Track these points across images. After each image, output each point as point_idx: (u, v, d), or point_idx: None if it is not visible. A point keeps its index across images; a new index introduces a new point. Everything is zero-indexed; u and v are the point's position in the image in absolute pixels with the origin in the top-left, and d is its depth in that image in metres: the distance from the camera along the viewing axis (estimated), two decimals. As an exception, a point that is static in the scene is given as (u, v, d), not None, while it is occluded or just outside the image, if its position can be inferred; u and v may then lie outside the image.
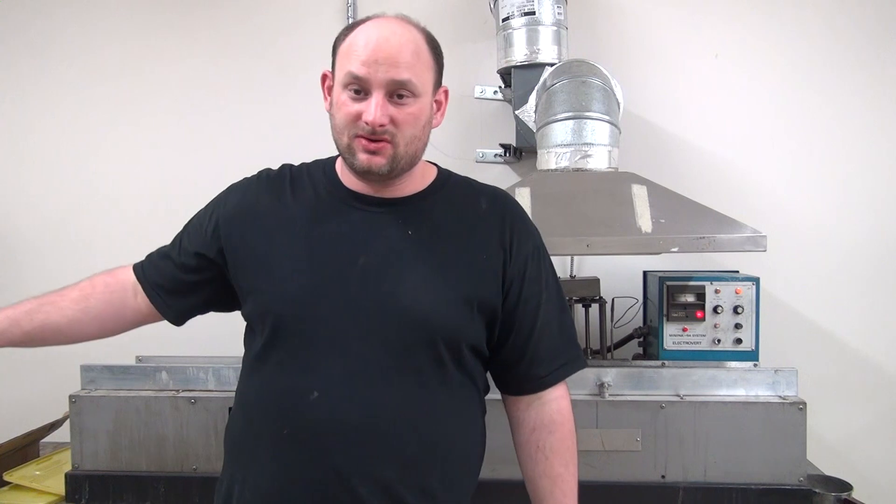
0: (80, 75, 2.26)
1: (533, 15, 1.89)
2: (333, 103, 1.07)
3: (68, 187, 2.25)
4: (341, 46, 1.06)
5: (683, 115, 2.09)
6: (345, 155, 1.06)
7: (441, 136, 2.18)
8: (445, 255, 1.07)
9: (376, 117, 1.00)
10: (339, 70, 1.05)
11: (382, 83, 1.01)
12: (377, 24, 1.04)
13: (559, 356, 1.14)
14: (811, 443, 1.53)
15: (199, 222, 1.15)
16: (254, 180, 1.15)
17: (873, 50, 2.03)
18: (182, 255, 1.15)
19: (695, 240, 1.49)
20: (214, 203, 1.16)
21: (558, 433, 1.15)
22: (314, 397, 1.01)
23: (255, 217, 1.10)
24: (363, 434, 1.01)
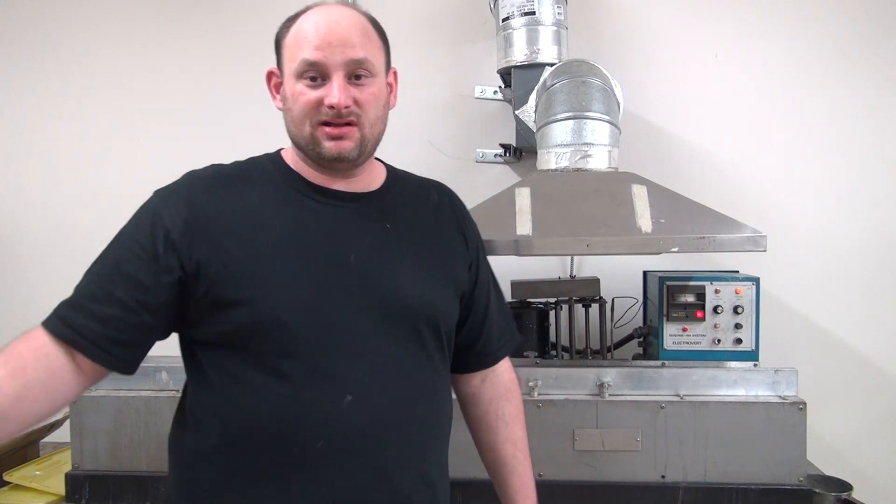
0: (83, 77, 2.27)
1: (533, 15, 1.89)
2: (287, 97, 1.02)
3: (71, 188, 2.26)
4: (286, 39, 1.03)
5: (683, 115, 2.09)
6: (307, 146, 1.03)
7: (441, 136, 2.19)
8: (424, 246, 1.11)
9: (341, 99, 0.98)
10: (290, 61, 1.01)
11: (340, 64, 0.99)
12: (321, 11, 1.02)
13: (505, 331, 1.25)
14: (811, 443, 1.53)
15: (136, 250, 0.97)
16: (188, 185, 1.02)
17: (873, 50, 2.03)
18: (135, 292, 0.95)
19: (695, 240, 1.49)
20: (148, 223, 0.98)
21: (514, 400, 1.24)
22: (348, 401, 0.96)
23: (220, 222, 0.99)
24: (401, 429, 1.03)
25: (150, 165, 2.16)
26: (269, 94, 1.08)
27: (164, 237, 0.96)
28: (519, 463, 1.22)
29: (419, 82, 2.16)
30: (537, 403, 1.56)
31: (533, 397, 1.57)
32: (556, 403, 1.56)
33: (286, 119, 1.04)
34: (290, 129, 1.05)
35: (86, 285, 0.97)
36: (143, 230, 0.98)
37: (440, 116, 2.17)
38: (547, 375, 1.61)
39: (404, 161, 2.19)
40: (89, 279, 0.98)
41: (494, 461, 1.23)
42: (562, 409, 1.56)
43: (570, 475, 1.55)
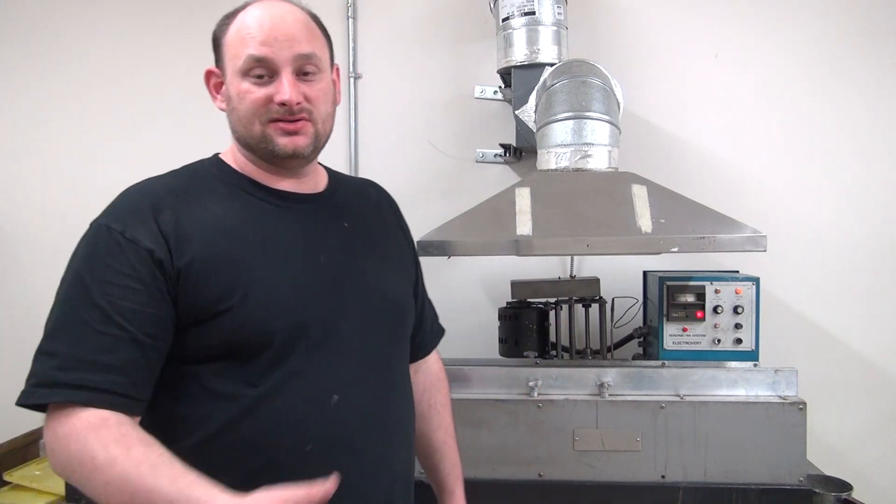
0: (82, 75, 2.26)
1: (533, 15, 1.89)
2: (232, 96, 0.99)
3: (72, 186, 2.25)
4: (227, 37, 0.99)
5: (683, 115, 2.09)
6: (258, 145, 0.99)
7: (441, 136, 2.20)
8: (380, 243, 1.13)
9: (292, 95, 0.96)
10: (233, 59, 0.97)
11: (288, 60, 0.96)
12: (263, 6, 0.99)
13: (435, 322, 1.32)
14: (811, 443, 1.53)
15: (125, 283, 0.89)
16: (143, 202, 0.95)
17: (874, 49, 2.03)
18: (144, 325, 0.88)
19: (695, 240, 1.49)
20: (124, 251, 0.90)
21: (444, 389, 1.29)
22: (335, 401, 0.96)
23: (190, 235, 0.93)
24: (385, 424, 1.04)
25: (150, 164, 2.14)
26: (209, 95, 1.05)
27: (150, 260, 0.90)
28: (449, 448, 1.27)
29: (419, 82, 2.17)
30: (537, 403, 1.56)
31: (533, 397, 1.57)
32: (556, 403, 1.56)
33: (231, 119, 1.01)
34: (236, 130, 1.01)
35: (76, 341, 0.86)
36: (122, 260, 0.89)
37: (440, 116, 2.17)
38: (547, 375, 1.61)
39: (404, 161, 2.22)
40: (76, 334, 0.86)
41: (427, 447, 1.27)
42: (562, 409, 1.56)
43: (570, 475, 1.55)
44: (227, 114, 1.02)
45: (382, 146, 2.20)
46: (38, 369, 0.87)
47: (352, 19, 2.16)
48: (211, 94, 1.05)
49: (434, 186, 2.17)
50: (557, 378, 1.61)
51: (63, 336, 0.87)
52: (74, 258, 0.94)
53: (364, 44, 2.18)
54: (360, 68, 2.19)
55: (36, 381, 0.86)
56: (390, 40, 2.18)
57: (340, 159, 2.19)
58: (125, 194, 0.99)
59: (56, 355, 0.86)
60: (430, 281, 2.24)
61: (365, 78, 2.19)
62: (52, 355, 0.87)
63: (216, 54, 1.02)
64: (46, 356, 0.87)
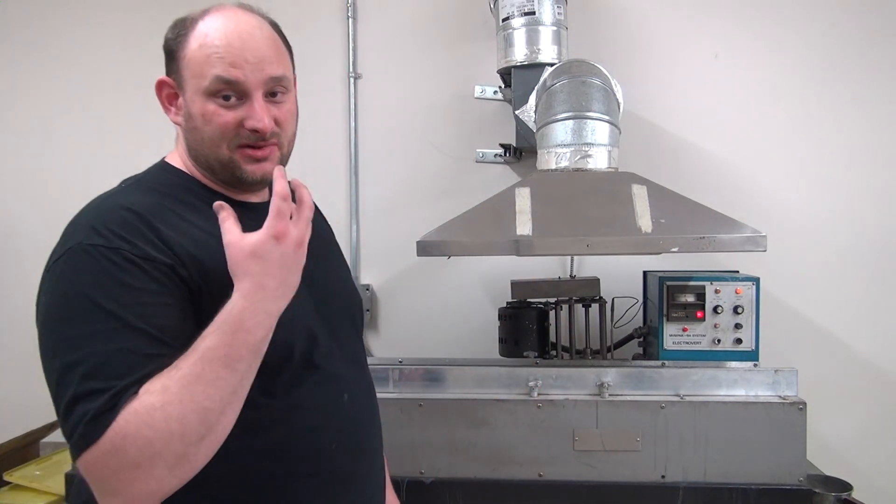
0: (84, 75, 2.26)
1: (533, 15, 1.89)
2: (194, 115, 0.93)
3: (72, 185, 2.25)
4: (187, 50, 0.92)
5: (683, 115, 2.09)
6: (222, 170, 0.95)
7: (441, 136, 2.20)
8: (328, 247, 1.16)
9: (266, 123, 0.92)
10: (196, 77, 0.91)
11: (260, 83, 0.92)
12: (227, 19, 0.93)
13: None
14: (811, 443, 1.53)
15: (149, 300, 0.83)
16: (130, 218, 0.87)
17: (874, 50, 2.03)
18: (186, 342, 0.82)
19: (695, 240, 1.49)
20: (138, 266, 0.84)
21: None
22: (346, 400, 1.00)
23: (185, 249, 0.88)
24: (375, 417, 1.10)
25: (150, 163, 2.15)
26: (161, 106, 0.99)
27: (173, 275, 0.85)
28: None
29: (419, 82, 2.17)
30: (537, 403, 1.56)
31: (533, 397, 1.57)
32: (556, 403, 1.56)
33: (191, 138, 0.95)
34: (198, 150, 0.95)
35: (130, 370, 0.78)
36: (144, 279, 0.83)
37: (440, 116, 2.17)
38: (547, 375, 1.61)
39: (404, 161, 2.22)
40: (126, 364, 0.78)
41: None
42: (562, 409, 1.56)
43: (570, 475, 1.55)
44: (185, 131, 0.96)
45: (382, 146, 2.20)
46: (91, 407, 0.76)
47: (352, 19, 2.16)
48: (163, 106, 0.99)
49: (434, 186, 2.17)
50: (557, 378, 1.61)
51: (112, 371, 0.78)
52: (70, 287, 0.83)
53: (364, 44, 2.18)
54: (360, 68, 2.18)
55: (93, 414, 0.76)
56: (390, 40, 2.18)
57: (340, 159, 2.19)
58: (101, 212, 0.89)
59: (108, 389, 0.76)
60: (431, 281, 2.25)
61: (365, 78, 2.19)
62: (103, 391, 0.76)
63: (170, 65, 0.96)
64: (96, 394, 0.76)
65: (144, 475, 0.75)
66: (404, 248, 1.69)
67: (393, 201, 2.19)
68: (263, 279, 0.83)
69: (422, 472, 1.58)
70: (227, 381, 0.79)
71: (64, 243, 0.86)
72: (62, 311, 0.82)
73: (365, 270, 2.22)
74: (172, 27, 0.96)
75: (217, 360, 0.79)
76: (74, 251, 0.84)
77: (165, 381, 0.77)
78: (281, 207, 0.84)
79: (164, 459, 0.76)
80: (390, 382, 1.65)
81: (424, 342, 2.16)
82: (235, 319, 0.81)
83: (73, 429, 0.77)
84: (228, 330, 0.80)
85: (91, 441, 0.75)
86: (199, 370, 0.78)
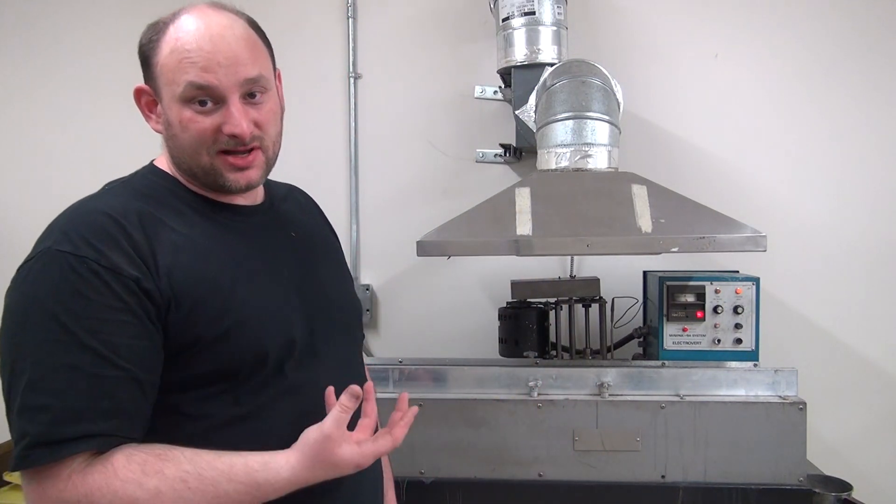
0: (83, 74, 2.26)
1: (533, 15, 1.89)
2: (172, 122, 0.90)
3: (72, 186, 2.25)
4: (160, 56, 0.89)
5: (683, 115, 2.09)
6: (205, 177, 0.93)
7: (441, 136, 2.19)
8: (322, 248, 1.13)
9: (244, 128, 0.89)
10: (170, 84, 0.88)
11: (235, 86, 0.88)
12: (198, 21, 0.89)
13: None
14: (811, 443, 1.53)
15: (113, 316, 0.80)
16: (109, 226, 0.85)
17: (874, 49, 2.02)
18: (142, 361, 0.82)
19: (695, 240, 1.49)
20: (105, 281, 0.81)
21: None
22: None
23: (167, 259, 0.86)
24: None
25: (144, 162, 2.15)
26: (142, 114, 0.96)
27: (137, 289, 0.82)
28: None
29: (419, 82, 2.17)
30: (537, 403, 1.56)
31: (533, 397, 1.57)
32: (556, 403, 1.56)
33: (171, 145, 0.93)
34: (179, 157, 0.93)
35: (68, 389, 0.77)
36: (105, 293, 0.80)
37: (440, 116, 2.17)
38: (547, 375, 1.61)
39: (404, 161, 2.22)
40: (66, 381, 0.77)
41: None
42: (562, 409, 1.56)
43: (570, 475, 1.55)
44: (166, 139, 0.95)
45: (382, 146, 2.20)
46: (29, 428, 0.76)
47: (352, 19, 2.16)
48: (144, 114, 0.96)
49: (434, 186, 2.17)
50: (557, 378, 1.61)
51: (50, 386, 0.77)
52: (30, 292, 0.81)
53: (364, 44, 2.18)
54: (360, 68, 2.18)
55: (31, 440, 0.76)
56: (390, 40, 2.18)
57: (340, 159, 2.19)
58: (77, 216, 0.87)
59: (48, 409, 0.76)
60: (431, 281, 2.25)
61: (365, 78, 2.19)
62: (42, 409, 0.76)
63: (146, 72, 0.93)
64: (34, 411, 0.77)
65: None
66: (404, 248, 1.70)
67: (393, 201, 2.19)
68: (317, 478, 0.86)
69: (422, 472, 1.58)
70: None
71: (36, 246, 0.85)
72: (20, 315, 0.81)
73: (365, 270, 2.22)
74: (146, 32, 0.92)
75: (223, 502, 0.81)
76: (43, 255, 0.83)
77: (164, 487, 0.78)
78: (384, 451, 0.91)
79: None
80: (390, 382, 1.65)
81: (424, 342, 2.16)
82: (267, 492, 0.83)
83: (15, 443, 0.78)
84: (256, 494, 0.83)
85: (27, 467, 0.77)
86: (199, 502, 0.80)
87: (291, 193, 1.17)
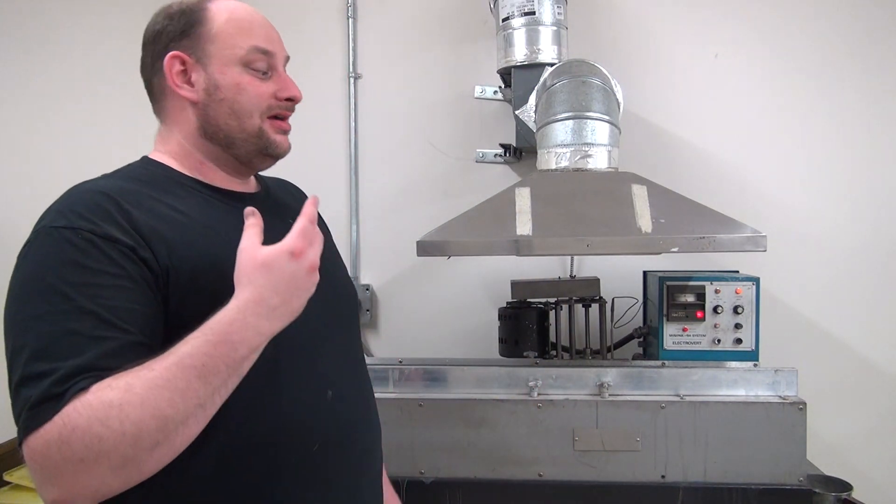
0: (83, 74, 2.26)
1: (533, 15, 1.89)
2: (222, 86, 0.94)
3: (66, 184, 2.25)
4: (213, 23, 0.94)
5: (683, 115, 2.09)
6: (247, 141, 0.97)
7: (441, 136, 2.20)
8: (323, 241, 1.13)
9: (299, 92, 1.00)
10: (230, 48, 0.94)
11: (283, 59, 1.01)
12: (239, 3, 0.99)
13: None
14: (811, 443, 1.53)
15: (112, 282, 0.80)
16: (104, 200, 0.86)
17: (874, 49, 2.03)
18: (143, 325, 0.81)
19: (695, 240, 1.49)
20: (101, 249, 0.81)
21: None
22: (330, 397, 0.96)
23: (165, 233, 0.86)
24: (367, 416, 1.06)
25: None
26: (170, 82, 0.95)
27: (134, 256, 0.82)
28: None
29: (419, 82, 2.17)
30: (537, 403, 1.56)
31: (533, 397, 1.57)
32: (556, 403, 1.56)
33: (214, 111, 0.95)
34: (218, 123, 0.96)
35: (72, 354, 0.75)
36: (102, 259, 0.80)
37: (440, 116, 2.17)
38: (547, 375, 1.61)
39: (404, 161, 2.22)
40: (70, 347, 0.76)
41: None
42: (562, 409, 1.56)
43: (570, 475, 1.55)
44: (204, 105, 0.95)
45: (382, 146, 2.20)
46: (32, 392, 0.74)
47: (352, 19, 2.16)
48: (171, 81, 0.95)
49: (434, 186, 2.17)
50: (557, 378, 1.61)
51: (54, 353, 0.75)
52: (29, 270, 0.82)
53: (364, 44, 2.18)
54: (360, 68, 2.19)
55: (34, 401, 0.73)
56: (390, 40, 2.18)
57: (340, 159, 2.19)
58: (70, 196, 0.88)
59: (51, 372, 0.74)
60: (431, 281, 2.25)
61: (365, 78, 2.19)
62: (44, 374, 0.74)
63: (186, 41, 0.95)
64: (37, 377, 0.74)
65: (86, 471, 0.72)
66: (404, 248, 1.70)
67: (393, 201, 2.19)
68: (266, 293, 0.80)
69: (422, 472, 1.59)
70: (198, 392, 0.75)
71: (33, 229, 0.87)
72: (20, 294, 0.81)
73: (365, 270, 2.22)
74: (175, 12, 0.96)
75: (192, 368, 0.75)
76: (38, 234, 0.85)
77: (132, 379, 0.74)
78: (307, 229, 0.85)
79: (111, 459, 0.72)
80: (390, 382, 1.65)
81: (424, 342, 2.16)
82: (222, 330, 0.77)
83: (18, 412, 0.75)
84: (212, 339, 0.76)
85: (33, 427, 0.72)
86: (170, 375, 0.74)
87: (283, 184, 1.19)
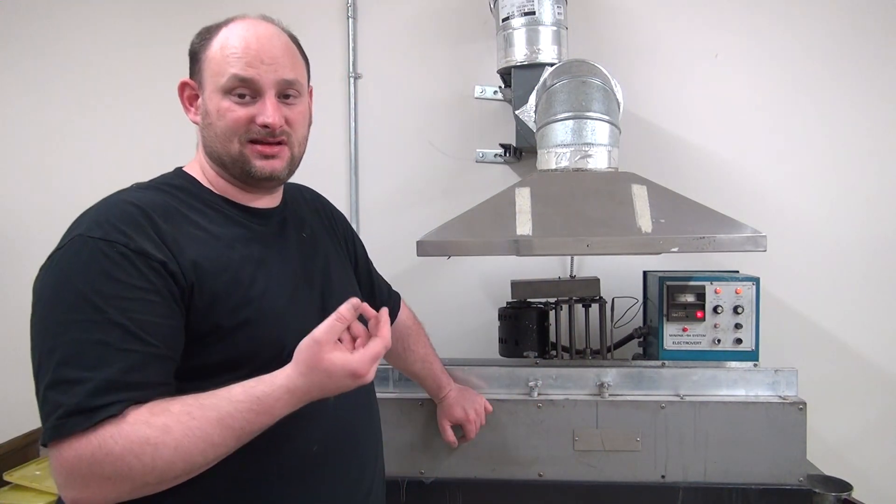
0: (84, 75, 2.26)
1: (533, 15, 1.89)
2: (210, 112, 0.99)
3: (74, 189, 2.25)
4: (208, 52, 1.00)
5: (683, 115, 2.09)
6: (233, 164, 1.01)
7: (441, 136, 2.20)
8: (330, 247, 1.18)
9: (275, 119, 0.98)
10: (215, 76, 0.98)
11: (272, 83, 0.99)
12: (247, 26, 1.00)
13: (389, 289, 1.46)
14: (811, 443, 1.53)
15: (141, 296, 0.85)
16: (138, 215, 0.91)
17: (873, 49, 2.03)
18: (168, 339, 0.87)
19: (695, 240, 1.49)
20: (133, 263, 0.86)
21: (414, 334, 1.47)
22: (332, 403, 0.96)
23: (192, 249, 0.92)
24: (367, 422, 1.10)
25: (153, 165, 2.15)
26: (182, 106, 1.05)
27: (163, 271, 0.88)
28: (428, 368, 1.48)
29: (419, 82, 2.17)
30: (537, 403, 1.56)
31: (533, 397, 1.57)
32: (556, 403, 1.56)
33: (206, 134, 1.02)
34: (211, 146, 1.01)
35: (101, 364, 0.80)
36: (133, 273, 0.85)
37: (440, 116, 2.17)
38: (547, 375, 1.61)
39: (404, 161, 2.22)
40: (98, 357, 0.81)
41: (412, 373, 1.50)
42: (562, 409, 1.56)
43: (570, 475, 1.55)
44: (202, 128, 1.03)
45: (382, 146, 2.20)
46: (63, 399, 0.79)
47: (352, 19, 2.16)
48: (184, 106, 1.05)
49: (434, 186, 2.17)
50: (557, 378, 1.61)
51: (83, 361, 0.81)
52: (63, 276, 0.86)
53: (364, 44, 2.18)
54: (360, 68, 2.19)
55: (66, 409, 0.78)
56: (390, 40, 2.18)
57: (340, 159, 2.19)
58: (107, 206, 0.93)
59: (82, 382, 0.79)
60: (431, 281, 2.25)
61: (365, 78, 2.19)
62: (77, 382, 0.79)
63: (193, 67, 1.03)
64: (69, 384, 0.79)
65: (110, 486, 0.79)
66: (404, 248, 1.69)
67: (393, 201, 2.19)
68: (315, 391, 0.87)
69: (422, 472, 1.59)
70: (228, 446, 0.83)
71: (67, 234, 0.90)
72: (52, 298, 0.85)
73: (365, 270, 2.22)
74: (198, 34, 1.03)
75: (230, 429, 0.82)
76: (74, 241, 0.88)
77: (171, 421, 0.80)
78: (378, 354, 0.90)
79: (134, 483, 0.80)
80: (390, 382, 1.65)
81: (424, 342, 2.16)
82: (269, 405, 0.84)
83: (46, 416, 0.80)
84: (256, 409, 0.83)
85: (63, 435, 0.78)
86: (210, 430, 0.81)
87: (300, 193, 1.23)
